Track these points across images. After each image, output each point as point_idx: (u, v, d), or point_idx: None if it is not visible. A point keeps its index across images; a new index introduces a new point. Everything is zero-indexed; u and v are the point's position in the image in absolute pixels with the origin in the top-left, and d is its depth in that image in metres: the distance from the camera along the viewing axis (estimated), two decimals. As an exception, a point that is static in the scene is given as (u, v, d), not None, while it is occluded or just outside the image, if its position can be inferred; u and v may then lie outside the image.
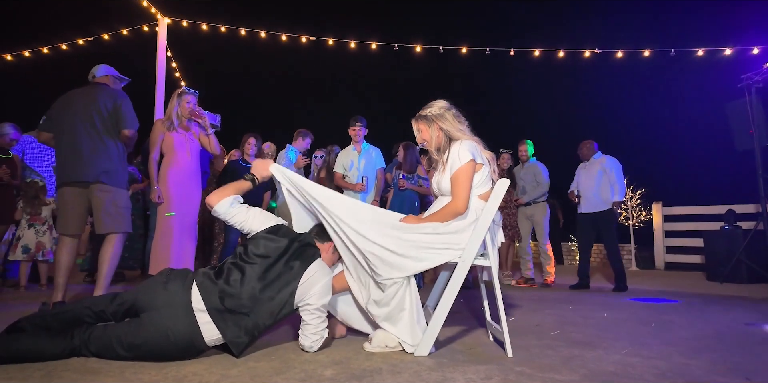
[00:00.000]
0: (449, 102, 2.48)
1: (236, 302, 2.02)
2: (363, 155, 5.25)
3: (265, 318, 2.07)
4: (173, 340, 1.93)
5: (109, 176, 3.24)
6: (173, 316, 1.95)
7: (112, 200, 3.24)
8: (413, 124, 2.51)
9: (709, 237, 6.56)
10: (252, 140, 5.02)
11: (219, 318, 1.99)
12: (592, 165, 5.35)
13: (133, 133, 3.36)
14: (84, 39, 8.20)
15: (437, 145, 2.41)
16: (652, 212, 8.50)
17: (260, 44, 8.22)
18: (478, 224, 2.16)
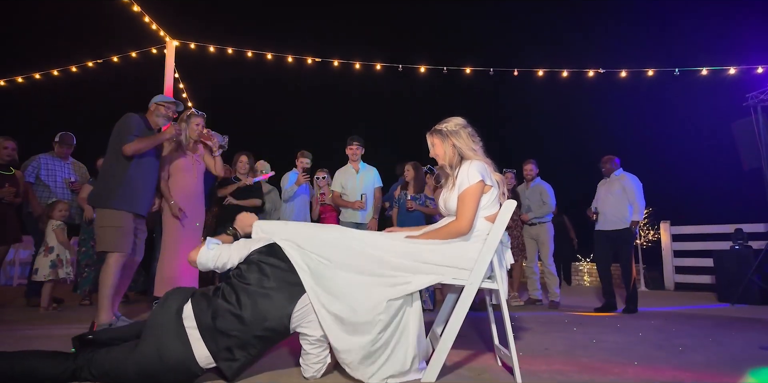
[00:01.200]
0: (466, 120, 2.47)
1: (228, 322, 1.98)
2: (361, 173, 5.27)
3: (258, 340, 2.01)
4: (165, 360, 1.89)
5: (92, 198, 3.47)
6: (166, 333, 1.93)
7: (96, 221, 3.40)
8: (428, 137, 2.51)
9: (719, 257, 6.46)
10: (244, 157, 5.04)
11: (209, 337, 1.95)
12: (612, 182, 5.28)
13: (130, 147, 3.36)
14: (94, 61, 8.34)
15: (449, 161, 2.40)
16: (660, 232, 8.40)
17: (267, 65, 8.33)
18: (485, 246, 2.13)
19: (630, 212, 5.09)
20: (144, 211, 3.53)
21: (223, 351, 1.96)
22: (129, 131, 3.40)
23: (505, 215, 2.13)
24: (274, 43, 8.53)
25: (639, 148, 15.70)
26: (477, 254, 2.16)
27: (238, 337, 1.98)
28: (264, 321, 2.00)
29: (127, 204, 3.37)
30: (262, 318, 2.00)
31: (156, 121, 3.65)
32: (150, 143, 3.45)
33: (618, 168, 5.33)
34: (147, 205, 3.57)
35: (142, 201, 3.49)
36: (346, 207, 5.14)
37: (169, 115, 3.67)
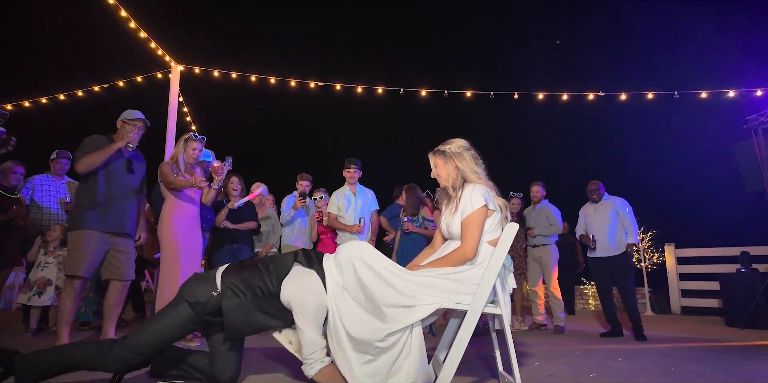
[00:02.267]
0: (469, 142, 2.47)
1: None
2: (358, 196, 5.27)
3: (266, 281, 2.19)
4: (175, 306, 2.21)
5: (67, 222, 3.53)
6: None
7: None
8: (430, 158, 2.50)
9: (726, 281, 6.37)
10: (234, 179, 5.05)
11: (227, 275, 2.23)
12: (603, 207, 5.24)
13: (80, 162, 3.41)
14: (99, 86, 8.46)
15: (452, 183, 2.39)
16: (665, 254, 8.32)
17: (270, 89, 8.43)
18: (488, 270, 2.10)
19: (625, 236, 5.06)
20: (119, 228, 3.47)
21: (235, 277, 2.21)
22: (81, 150, 3.44)
23: (507, 238, 2.11)
24: (277, 67, 8.67)
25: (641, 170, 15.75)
26: (480, 278, 2.13)
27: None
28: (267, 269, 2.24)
29: (91, 222, 3.34)
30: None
31: (118, 134, 3.63)
32: (101, 155, 3.42)
33: (605, 192, 5.33)
34: (124, 222, 3.51)
35: (114, 218, 3.44)
36: (344, 230, 5.11)
37: (134, 132, 3.62)
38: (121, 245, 3.52)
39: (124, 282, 3.54)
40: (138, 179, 3.73)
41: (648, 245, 9.00)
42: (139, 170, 3.74)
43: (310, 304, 2.10)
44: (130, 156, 3.69)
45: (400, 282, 2.12)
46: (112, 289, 3.54)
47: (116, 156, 3.57)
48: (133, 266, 3.62)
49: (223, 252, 4.63)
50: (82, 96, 8.60)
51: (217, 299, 2.16)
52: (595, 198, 5.33)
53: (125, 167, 3.60)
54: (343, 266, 2.17)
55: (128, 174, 3.61)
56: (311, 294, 2.12)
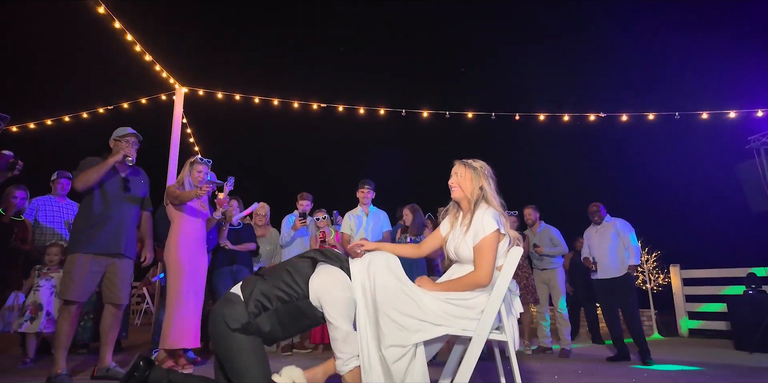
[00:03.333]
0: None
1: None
2: (371, 217, 5.26)
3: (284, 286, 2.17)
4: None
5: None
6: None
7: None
8: (457, 166, 2.45)
9: (733, 302, 6.27)
10: (234, 202, 5.04)
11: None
12: (605, 228, 5.21)
13: (77, 180, 3.43)
14: (104, 108, 8.55)
15: (474, 197, 2.34)
16: (670, 276, 8.22)
17: (273, 110, 8.50)
18: (492, 295, 2.07)
19: (627, 257, 5.02)
20: (114, 249, 3.41)
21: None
22: (77, 170, 3.45)
23: (512, 263, 2.08)
24: (279, 88, 8.76)
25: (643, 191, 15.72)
26: (485, 303, 2.08)
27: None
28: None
29: (84, 245, 3.31)
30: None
31: (114, 152, 3.61)
32: (97, 171, 3.38)
33: (606, 214, 5.32)
34: (120, 243, 3.44)
35: (108, 239, 3.39)
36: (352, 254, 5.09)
37: (129, 147, 3.58)
38: (117, 267, 3.46)
39: (118, 306, 3.49)
40: (137, 197, 3.67)
41: (653, 266, 8.90)
42: (137, 187, 3.68)
43: (341, 297, 2.10)
44: (128, 174, 3.65)
45: (419, 297, 2.11)
46: (106, 313, 3.50)
47: (111, 175, 3.53)
48: (128, 290, 3.56)
49: (222, 273, 4.60)
50: (87, 118, 8.68)
51: (253, 313, 2.12)
52: (596, 220, 5.31)
53: (121, 185, 3.55)
54: (369, 270, 2.18)
55: (124, 193, 3.56)
56: (341, 288, 2.12)
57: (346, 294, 2.11)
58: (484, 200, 2.34)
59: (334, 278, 2.16)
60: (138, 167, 3.77)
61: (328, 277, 2.16)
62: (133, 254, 3.63)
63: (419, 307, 2.08)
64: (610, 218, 5.29)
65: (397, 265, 2.23)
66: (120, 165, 3.60)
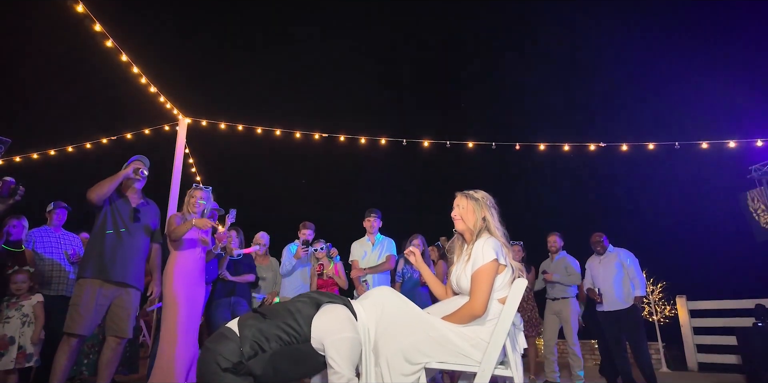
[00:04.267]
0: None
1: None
2: (377, 245, 5.23)
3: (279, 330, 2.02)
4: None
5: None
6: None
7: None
8: (459, 198, 2.44)
9: (743, 335, 6.11)
10: (233, 232, 5.00)
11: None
12: (608, 259, 5.14)
13: (91, 191, 3.45)
14: (108, 138, 8.63)
15: (476, 227, 2.33)
16: (677, 307, 8.05)
17: (275, 141, 8.58)
18: (497, 329, 2.01)
19: (632, 288, 4.92)
20: (121, 278, 3.38)
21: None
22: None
23: (516, 295, 2.03)
24: (282, 119, 8.87)
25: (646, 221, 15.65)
26: (489, 337, 2.02)
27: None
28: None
29: (93, 271, 3.28)
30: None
31: (126, 183, 3.65)
32: (110, 181, 3.42)
33: (609, 244, 5.25)
34: (127, 272, 3.41)
35: (116, 268, 3.36)
36: (355, 285, 5.06)
37: (139, 169, 3.64)
38: (123, 299, 3.42)
39: (120, 340, 3.42)
40: (147, 228, 3.69)
41: (659, 298, 8.74)
42: (147, 219, 3.70)
43: (346, 338, 1.95)
44: (139, 205, 3.68)
45: (427, 327, 2.05)
46: (106, 346, 3.43)
47: (122, 205, 3.57)
48: (132, 323, 3.51)
49: (220, 305, 4.52)
50: (90, 148, 8.75)
51: (247, 354, 1.99)
52: (599, 250, 5.24)
53: (131, 215, 3.58)
54: (375, 306, 2.10)
55: (134, 223, 3.58)
56: (346, 329, 1.98)
57: (352, 334, 1.98)
58: (487, 230, 2.32)
59: (339, 317, 2.03)
60: (150, 199, 3.78)
61: (332, 316, 2.04)
62: (141, 285, 3.60)
63: (428, 337, 2.02)
64: (613, 248, 5.22)
65: (398, 296, 2.17)
66: (131, 195, 3.64)
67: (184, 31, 14.87)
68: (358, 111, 16.14)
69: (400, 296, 2.17)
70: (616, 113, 15.94)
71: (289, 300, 2.27)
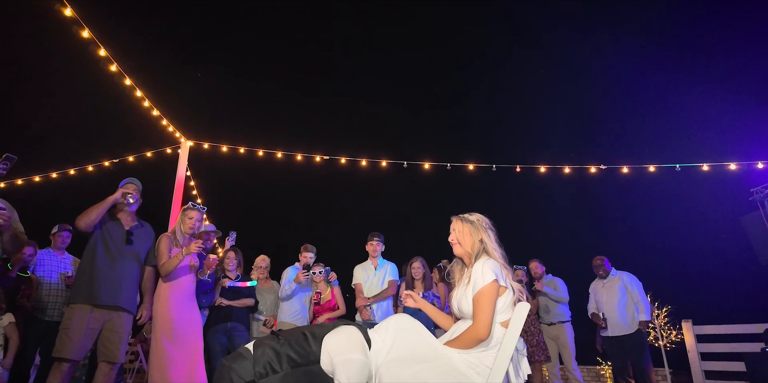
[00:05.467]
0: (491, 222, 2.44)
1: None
2: (379, 269, 5.18)
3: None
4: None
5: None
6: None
7: None
8: (455, 222, 2.42)
9: (751, 361, 5.98)
10: (231, 253, 4.96)
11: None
12: (612, 282, 5.08)
13: (79, 219, 3.45)
14: (110, 161, 8.67)
15: (473, 250, 2.30)
16: (683, 332, 7.91)
17: (276, 163, 8.61)
18: (500, 354, 1.96)
19: (637, 312, 4.85)
20: (112, 301, 3.33)
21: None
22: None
23: (519, 318, 1.99)
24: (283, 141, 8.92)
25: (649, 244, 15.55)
26: (491, 363, 1.98)
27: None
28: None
29: (84, 295, 3.24)
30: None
31: (118, 206, 3.62)
32: (97, 208, 3.40)
33: (611, 268, 5.20)
34: (117, 296, 3.36)
35: (107, 291, 3.31)
36: (360, 310, 4.99)
37: (129, 193, 3.61)
38: (114, 323, 3.36)
39: (112, 365, 3.34)
40: (140, 251, 3.64)
41: (664, 322, 8.61)
42: (140, 241, 3.65)
43: (355, 360, 1.88)
44: (132, 228, 3.64)
45: (435, 357, 2.01)
46: (98, 372, 3.34)
47: (114, 227, 3.54)
48: (125, 348, 3.43)
49: (217, 331, 4.45)
50: (92, 171, 8.78)
51: (260, 373, 1.96)
52: (601, 274, 5.19)
53: (123, 238, 3.53)
54: (387, 335, 2.03)
55: (127, 246, 3.53)
56: (356, 350, 1.92)
57: (361, 357, 1.91)
58: (485, 252, 2.29)
59: (351, 338, 1.97)
60: (144, 221, 3.76)
61: (344, 336, 1.98)
62: (133, 308, 3.54)
63: (435, 367, 1.97)
64: (615, 271, 5.16)
65: (419, 327, 2.11)
66: (123, 218, 3.60)
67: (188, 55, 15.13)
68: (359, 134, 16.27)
69: (415, 326, 2.10)
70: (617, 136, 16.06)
71: (314, 325, 2.23)
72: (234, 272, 4.88)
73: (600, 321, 4.97)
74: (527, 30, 17.44)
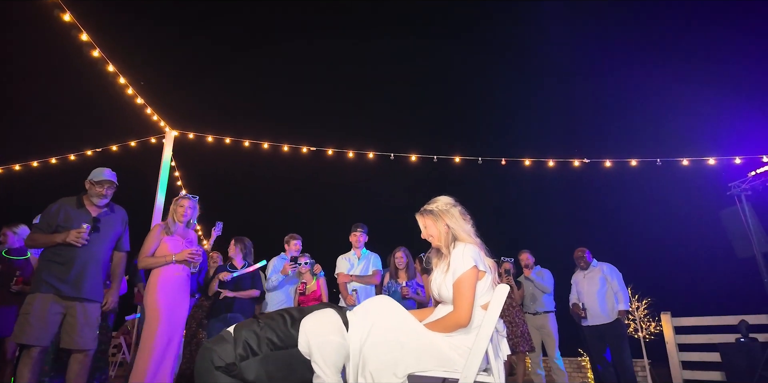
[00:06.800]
0: (454, 199, 2.44)
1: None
2: (362, 260, 5.21)
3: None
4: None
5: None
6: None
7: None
8: (419, 219, 2.43)
9: (726, 351, 6.13)
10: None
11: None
12: (593, 273, 5.19)
13: (26, 239, 3.57)
14: (93, 150, 8.54)
15: (445, 241, 2.31)
16: (662, 324, 8.08)
17: (262, 154, 8.56)
18: (479, 336, 1.99)
19: (617, 302, 4.96)
20: (75, 293, 3.27)
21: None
22: (40, 219, 3.45)
23: (498, 301, 2.02)
24: (270, 132, 8.86)
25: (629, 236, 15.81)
26: (471, 344, 2.01)
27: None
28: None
29: (46, 286, 3.18)
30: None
31: (91, 200, 3.54)
32: (44, 243, 3.37)
33: (593, 259, 5.30)
34: (81, 287, 3.30)
35: (70, 282, 3.25)
36: (344, 296, 5.04)
37: (101, 193, 3.53)
38: (77, 310, 3.29)
39: (85, 352, 3.30)
40: (108, 239, 3.55)
41: (644, 314, 8.79)
42: (109, 228, 3.55)
43: (332, 342, 1.93)
44: (100, 214, 3.54)
45: (416, 336, 2.02)
46: (72, 360, 3.30)
47: (80, 215, 3.45)
48: (93, 334, 3.36)
49: (216, 321, 4.46)
50: (74, 160, 8.64)
51: (240, 355, 1.99)
52: (582, 265, 5.29)
53: (82, 225, 3.40)
54: (367, 316, 2.05)
55: (93, 233, 3.44)
56: (332, 332, 1.96)
57: (337, 338, 1.95)
58: (458, 237, 2.30)
59: (328, 320, 2.01)
60: (116, 204, 3.69)
61: (320, 318, 2.02)
62: (99, 296, 3.46)
63: (416, 346, 2.00)
64: (596, 262, 5.27)
65: (397, 308, 2.13)
66: (91, 207, 3.53)
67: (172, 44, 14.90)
68: (346, 125, 16.21)
69: (393, 306, 2.12)
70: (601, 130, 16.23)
71: (288, 308, 2.25)
72: (240, 262, 4.86)
73: (580, 311, 5.07)
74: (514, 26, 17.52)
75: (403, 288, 4.80)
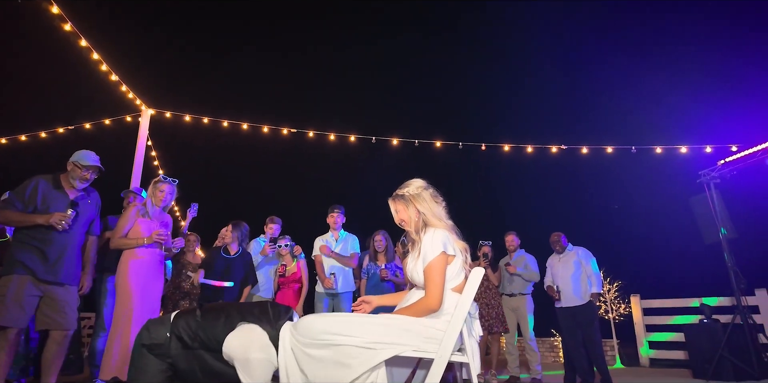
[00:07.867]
0: (426, 181, 2.45)
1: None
2: (340, 241, 5.23)
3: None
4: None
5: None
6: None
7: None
8: (391, 204, 2.45)
9: (690, 332, 6.41)
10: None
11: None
12: (567, 257, 5.31)
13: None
14: (65, 127, 8.31)
15: (415, 227, 2.32)
16: (631, 306, 8.38)
17: (242, 135, 8.45)
18: (454, 317, 2.05)
19: (590, 285, 5.10)
20: (52, 277, 3.22)
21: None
22: (14, 194, 3.33)
23: (473, 284, 2.08)
24: (250, 113, 8.74)
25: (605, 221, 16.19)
26: (444, 326, 2.06)
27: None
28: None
29: (19, 268, 3.13)
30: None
31: (71, 182, 3.47)
32: (19, 222, 3.27)
33: (568, 243, 5.42)
34: (58, 271, 3.25)
35: (47, 266, 3.20)
36: (321, 278, 5.06)
37: (86, 177, 3.47)
38: (57, 292, 3.25)
39: (64, 333, 3.28)
40: (84, 221, 3.49)
41: (614, 296, 9.08)
42: (85, 212, 3.48)
43: (255, 359, 1.96)
44: (77, 197, 3.47)
45: (363, 326, 2.00)
46: (50, 340, 3.27)
47: (58, 196, 3.38)
48: (73, 315, 3.33)
49: None
50: (46, 137, 8.41)
51: (172, 342, 2.05)
52: (558, 249, 5.41)
53: (67, 209, 3.34)
54: (298, 335, 2.02)
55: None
56: (255, 349, 1.98)
57: (260, 355, 1.97)
58: (427, 222, 2.32)
59: (251, 338, 2.02)
60: (91, 187, 3.62)
61: (242, 336, 2.02)
62: (76, 280, 3.43)
63: (387, 326, 2.02)
64: (571, 247, 5.39)
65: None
66: (69, 189, 3.46)
67: (149, 18, 14.45)
68: (327, 108, 16.06)
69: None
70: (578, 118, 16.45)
71: (240, 304, 2.30)
72: (236, 248, 4.82)
73: (554, 294, 5.21)
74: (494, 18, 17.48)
75: (382, 271, 4.87)
